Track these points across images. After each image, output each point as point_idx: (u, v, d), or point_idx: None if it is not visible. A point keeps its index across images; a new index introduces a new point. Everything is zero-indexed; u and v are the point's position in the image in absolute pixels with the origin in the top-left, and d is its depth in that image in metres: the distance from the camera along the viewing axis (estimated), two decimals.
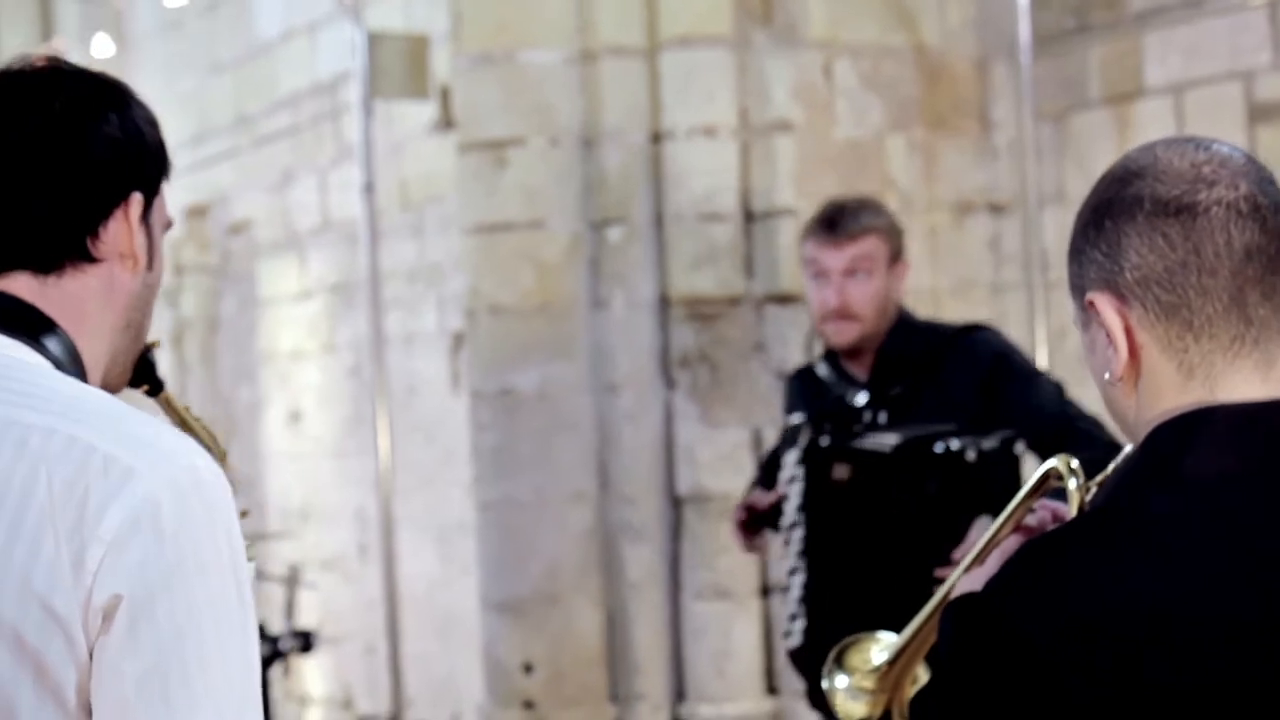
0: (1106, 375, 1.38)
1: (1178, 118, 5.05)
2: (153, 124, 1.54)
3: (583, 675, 5.24)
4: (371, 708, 6.87)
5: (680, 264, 5.17)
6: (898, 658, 1.76)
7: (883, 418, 3.47)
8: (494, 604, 5.30)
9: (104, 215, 1.47)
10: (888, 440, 3.34)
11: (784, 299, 5.23)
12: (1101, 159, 5.24)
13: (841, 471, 3.39)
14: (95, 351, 1.48)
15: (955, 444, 3.24)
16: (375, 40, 5.65)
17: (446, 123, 5.90)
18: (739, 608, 5.23)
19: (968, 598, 1.33)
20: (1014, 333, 4.31)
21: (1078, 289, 1.39)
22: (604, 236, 5.21)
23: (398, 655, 5.95)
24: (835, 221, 3.63)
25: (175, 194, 5.86)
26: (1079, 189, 5.33)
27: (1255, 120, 4.83)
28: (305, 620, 7.41)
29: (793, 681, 5.26)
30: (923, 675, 1.76)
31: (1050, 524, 1.58)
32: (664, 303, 5.20)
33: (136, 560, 1.29)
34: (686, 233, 5.16)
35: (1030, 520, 1.59)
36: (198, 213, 8.14)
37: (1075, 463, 1.55)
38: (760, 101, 5.19)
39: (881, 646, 1.80)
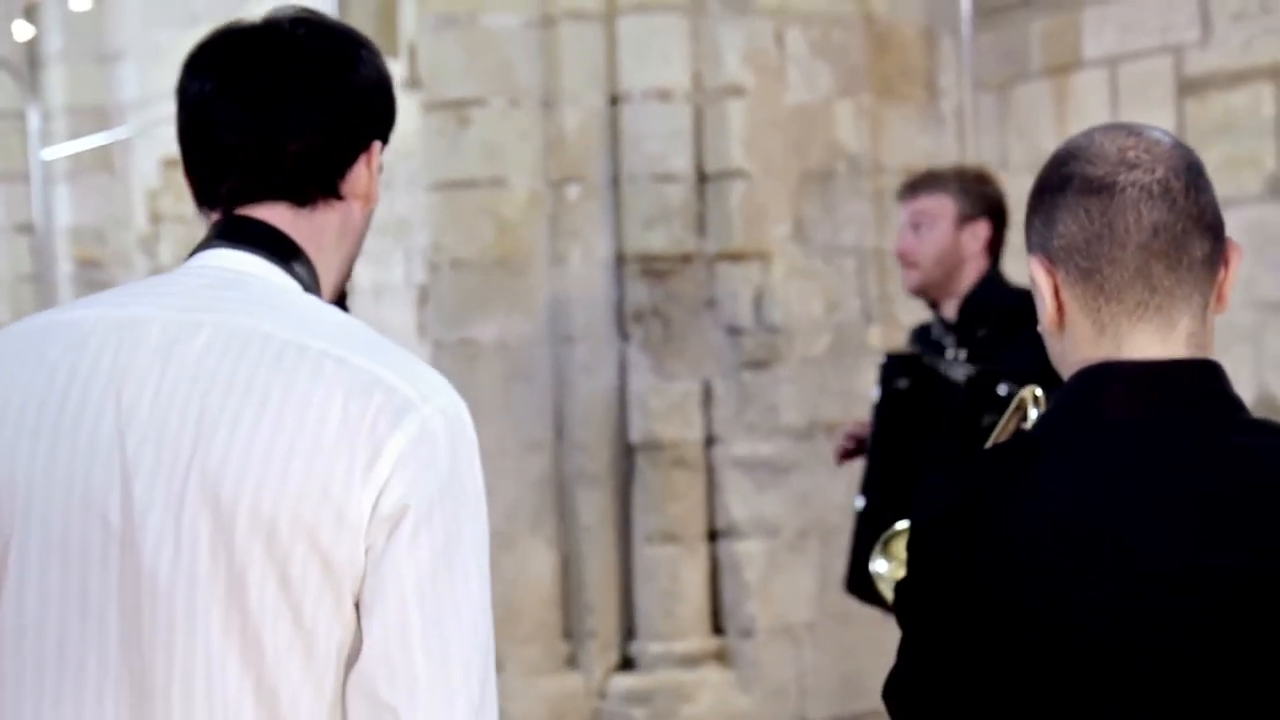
0: (1040, 324, 1.63)
1: (1112, 90, 5.27)
2: (389, 77, 1.68)
3: (537, 614, 5.44)
4: None
5: (635, 222, 5.37)
6: None
7: (962, 355, 3.83)
8: None
9: (353, 159, 1.63)
10: (958, 370, 3.75)
11: (735, 257, 5.44)
12: (1041, 128, 5.47)
13: (902, 382, 3.82)
14: (328, 279, 1.66)
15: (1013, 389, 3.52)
16: None
17: (414, 81, 6.08)
18: (687, 551, 5.45)
19: (921, 493, 1.58)
20: None
21: (1027, 251, 1.63)
22: (562, 194, 5.39)
23: None
24: (910, 182, 4.08)
25: (153, 144, 6.08)
26: (1020, 156, 5.56)
27: (1183, 93, 5.06)
28: None
29: (737, 621, 5.51)
30: None
31: None
32: (619, 259, 5.40)
33: (419, 478, 1.47)
34: (641, 192, 5.37)
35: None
36: (174, 163, 8.25)
37: (1039, 392, 1.79)
38: (713, 66, 5.38)
39: None
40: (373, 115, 1.66)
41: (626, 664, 5.48)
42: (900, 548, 1.96)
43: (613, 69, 5.36)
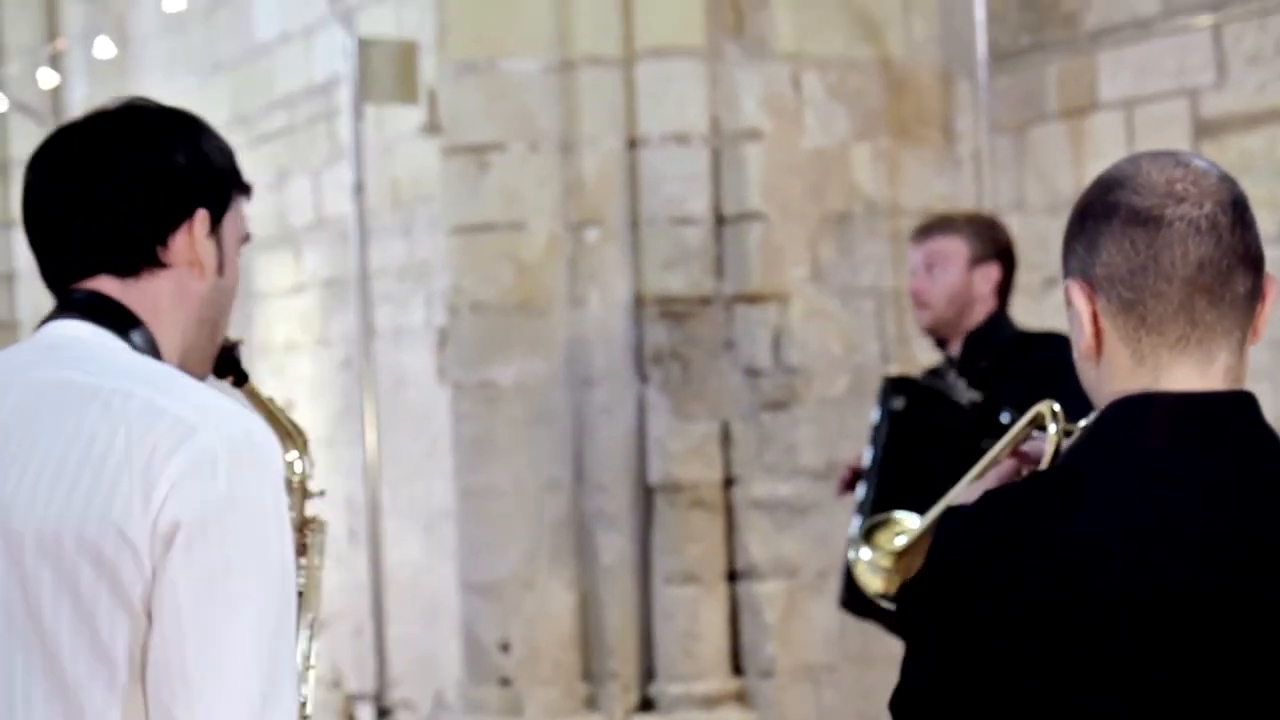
0: (1076, 351, 1.63)
1: (1128, 131, 5.30)
2: (223, 151, 1.80)
3: (557, 655, 5.44)
4: (359, 686, 7.09)
5: (654, 265, 5.40)
6: (911, 547, 1.94)
7: (962, 385, 3.95)
8: (473, 586, 5.50)
9: (171, 228, 1.74)
10: (964, 393, 3.86)
11: (753, 298, 5.46)
12: (1059, 169, 5.49)
13: (898, 402, 3.93)
14: (171, 343, 1.76)
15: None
16: (365, 46, 5.90)
17: (435, 126, 6.13)
18: (706, 592, 5.45)
19: (954, 513, 1.58)
20: None
21: (1065, 275, 1.63)
22: (581, 237, 5.43)
23: (382, 637, 6.19)
24: (923, 225, 4.21)
25: None
26: (1037, 198, 5.58)
27: (1200, 136, 5.08)
28: None
29: (757, 662, 5.51)
30: None
31: (1039, 454, 1.78)
32: (638, 301, 5.43)
33: (194, 496, 1.57)
34: (660, 235, 5.40)
35: (1026, 447, 1.78)
36: None
37: (1057, 408, 1.74)
38: (731, 110, 5.42)
39: (903, 531, 1.97)
40: (190, 188, 1.75)
41: (646, 705, 5.48)
42: (885, 538, 1.97)
43: (631, 113, 5.40)
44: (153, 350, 1.74)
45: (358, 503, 6.93)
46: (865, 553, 1.99)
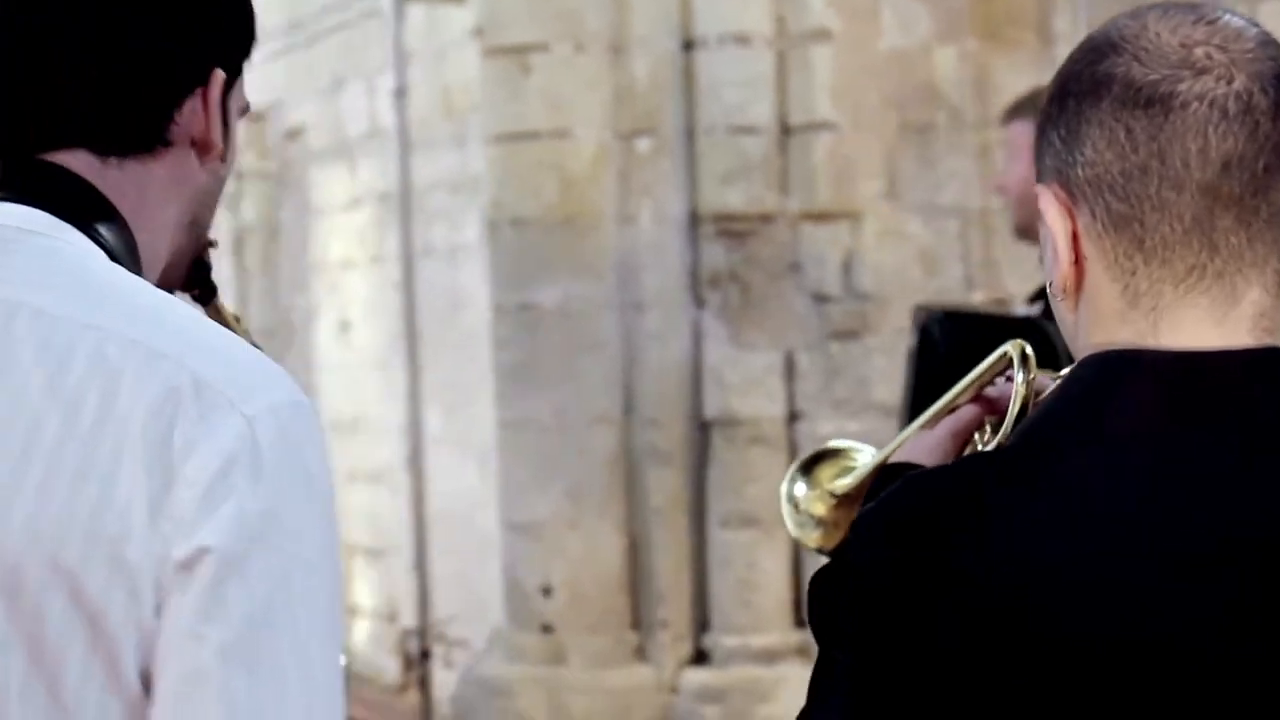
0: (1049, 284, 1.19)
1: None
2: None
3: (603, 601, 5.18)
4: (414, 622, 6.81)
5: (711, 178, 5.07)
6: (854, 493, 1.56)
7: (1036, 309, 3.42)
8: (514, 525, 5.27)
9: (183, 92, 1.25)
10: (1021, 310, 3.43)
11: (820, 216, 5.10)
12: None
13: (931, 333, 3.51)
14: (156, 249, 1.28)
15: None
16: None
17: (477, 27, 5.74)
18: (766, 537, 5.09)
19: (870, 512, 1.18)
20: None
21: (1037, 179, 1.19)
22: (632, 148, 5.12)
23: (425, 571, 5.89)
24: (1010, 106, 3.79)
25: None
26: None
27: None
28: (352, 533, 7.37)
29: None
30: None
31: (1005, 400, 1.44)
32: (694, 219, 5.11)
33: (230, 508, 1.10)
34: (718, 145, 5.05)
35: (991, 391, 1.46)
36: (256, 117, 8.04)
37: (1029, 350, 1.40)
38: (797, 8, 5.04)
39: (849, 468, 1.58)
40: (209, 31, 1.27)
41: (700, 657, 5.20)
42: (827, 474, 1.58)
43: (687, 11, 5.06)
44: (130, 257, 1.23)
45: (419, 431, 6.64)
46: (800, 488, 1.57)
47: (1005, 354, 1.43)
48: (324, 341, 7.56)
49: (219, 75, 1.26)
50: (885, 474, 1.42)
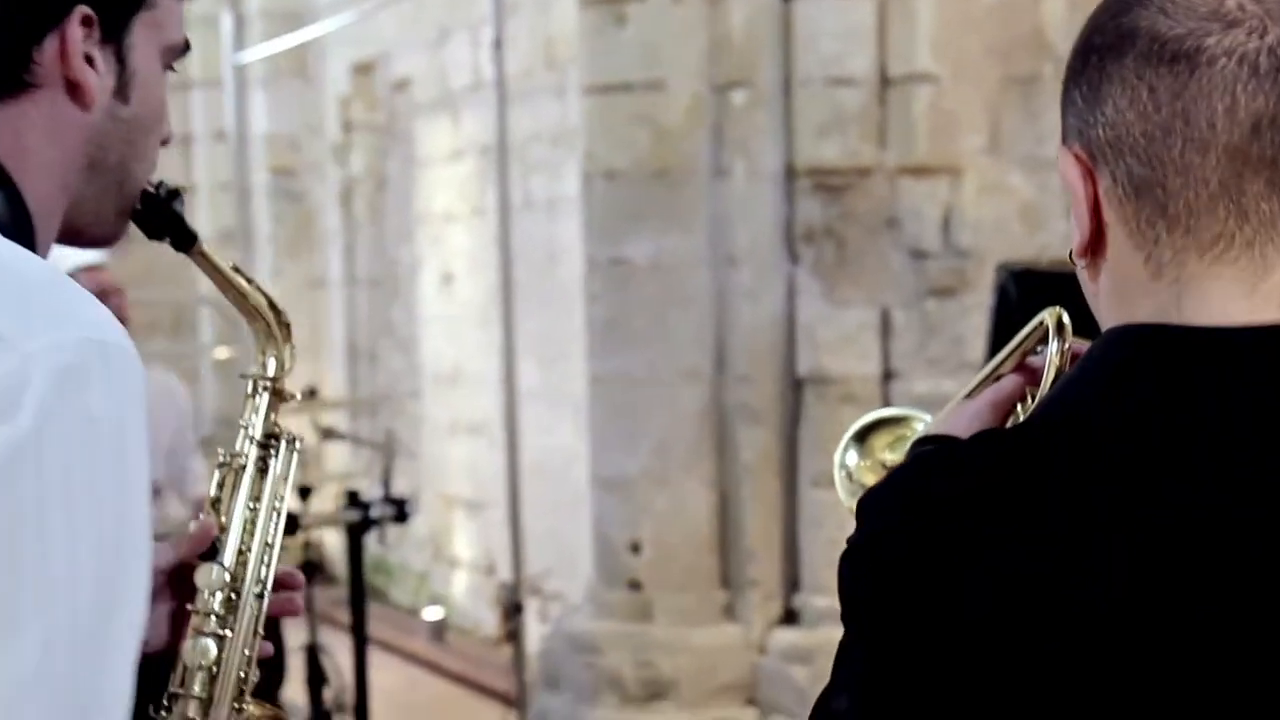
0: (1070, 251, 1.12)
1: None
2: None
3: (692, 559, 5.10)
4: (510, 576, 6.79)
5: (807, 131, 4.93)
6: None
7: None
8: (603, 481, 5.21)
9: (36, 32, 1.23)
10: None
11: (920, 170, 4.95)
12: None
13: (1011, 293, 3.36)
14: (43, 195, 1.25)
15: None
16: None
17: None
18: None
19: (881, 488, 1.14)
20: None
21: (1063, 140, 1.12)
22: (727, 100, 5.01)
23: (518, 525, 5.85)
24: None
25: (344, 48, 5.82)
26: None
27: None
28: (453, 485, 7.37)
29: None
30: None
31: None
32: (789, 172, 4.97)
33: None
34: (815, 97, 4.91)
35: (1035, 360, 1.36)
36: (364, 68, 8.03)
37: (1065, 318, 1.31)
38: None
39: (906, 435, 1.50)
40: None
41: (789, 617, 5.12)
42: (881, 443, 1.51)
43: None
44: (14, 205, 1.23)
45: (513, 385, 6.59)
46: (852, 457, 1.51)
47: (1043, 322, 1.34)
48: (427, 293, 7.55)
49: (78, 12, 1.22)
50: (918, 444, 1.33)
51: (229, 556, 1.44)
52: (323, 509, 6.57)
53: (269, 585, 1.45)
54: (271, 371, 1.49)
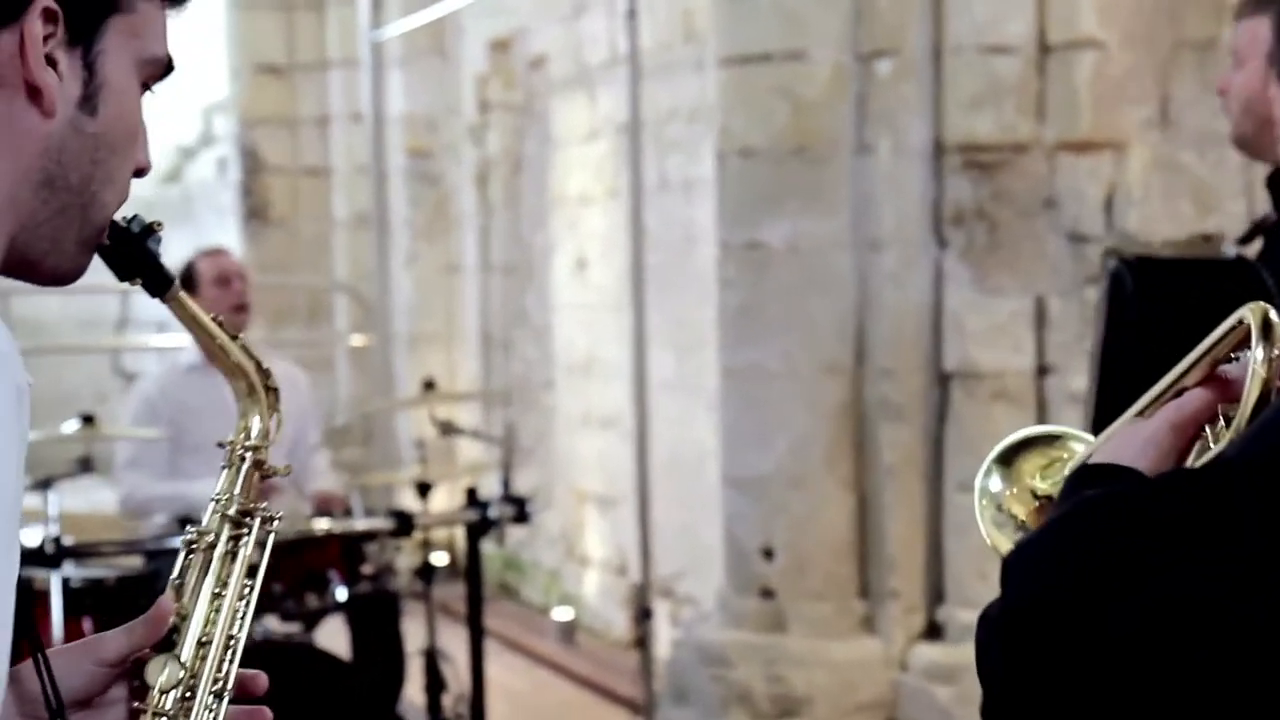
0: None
1: None
2: None
3: (828, 566, 4.90)
4: (640, 577, 6.53)
5: (958, 104, 4.74)
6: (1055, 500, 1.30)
7: (1251, 250, 2.91)
8: (735, 481, 5.02)
9: None
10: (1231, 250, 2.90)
11: (1081, 146, 4.69)
12: None
13: (1117, 278, 2.94)
14: None
15: None
16: None
17: None
18: None
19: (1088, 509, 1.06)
20: None
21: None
22: (871, 70, 4.83)
23: (647, 524, 5.58)
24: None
25: (481, 26, 5.59)
26: None
27: None
28: (585, 480, 7.11)
29: None
30: None
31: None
32: (938, 149, 4.78)
33: None
34: (967, 67, 4.71)
35: (1231, 370, 1.21)
36: (501, 46, 7.81)
37: (1274, 316, 1.14)
38: None
39: (1061, 458, 1.32)
40: None
41: (933, 632, 4.87)
42: (1031, 466, 1.34)
43: None
44: None
45: (643, 376, 6.33)
46: (995, 482, 1.34)
47: (1240, 319, 1.16)
48: (561, 280, 7.30)
49: (37, 8, 1.17)
50: (1079, 477, 1.17)
51: (187, 649, 1.32)
52: (451, 505, 6.37)
53: (229, 684, 1.31)
54: (254, 439, 1.38)
